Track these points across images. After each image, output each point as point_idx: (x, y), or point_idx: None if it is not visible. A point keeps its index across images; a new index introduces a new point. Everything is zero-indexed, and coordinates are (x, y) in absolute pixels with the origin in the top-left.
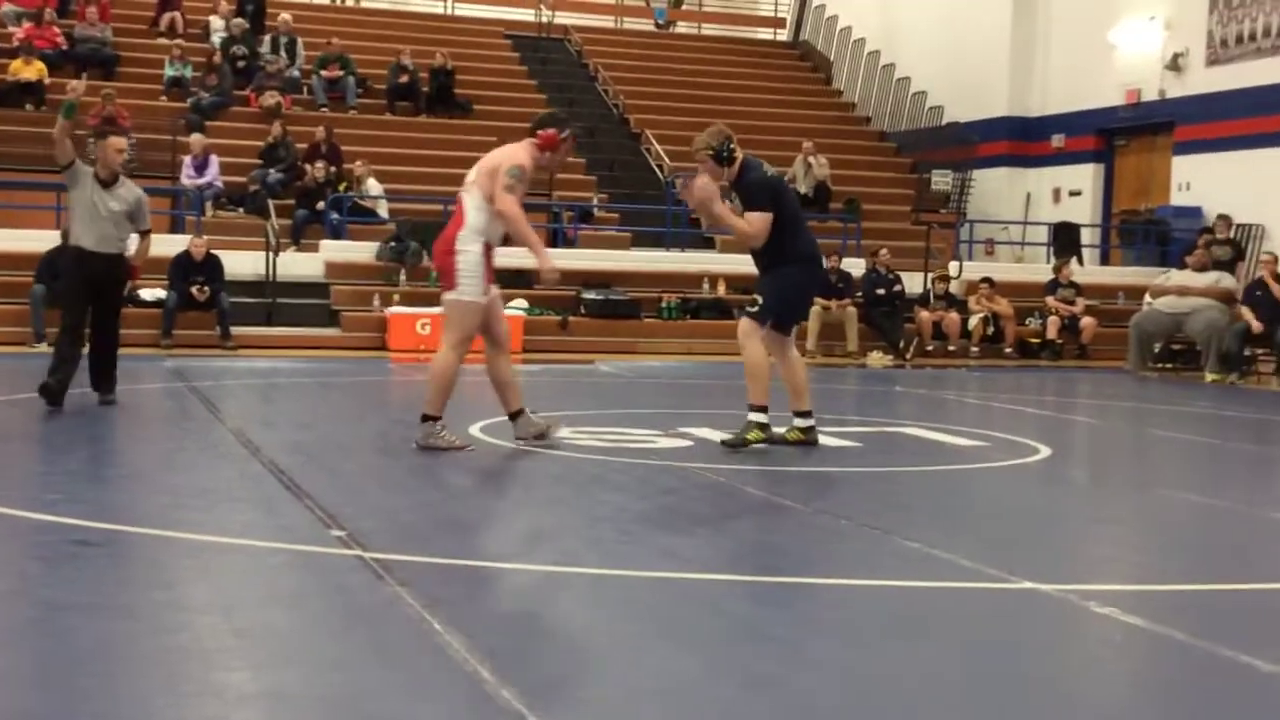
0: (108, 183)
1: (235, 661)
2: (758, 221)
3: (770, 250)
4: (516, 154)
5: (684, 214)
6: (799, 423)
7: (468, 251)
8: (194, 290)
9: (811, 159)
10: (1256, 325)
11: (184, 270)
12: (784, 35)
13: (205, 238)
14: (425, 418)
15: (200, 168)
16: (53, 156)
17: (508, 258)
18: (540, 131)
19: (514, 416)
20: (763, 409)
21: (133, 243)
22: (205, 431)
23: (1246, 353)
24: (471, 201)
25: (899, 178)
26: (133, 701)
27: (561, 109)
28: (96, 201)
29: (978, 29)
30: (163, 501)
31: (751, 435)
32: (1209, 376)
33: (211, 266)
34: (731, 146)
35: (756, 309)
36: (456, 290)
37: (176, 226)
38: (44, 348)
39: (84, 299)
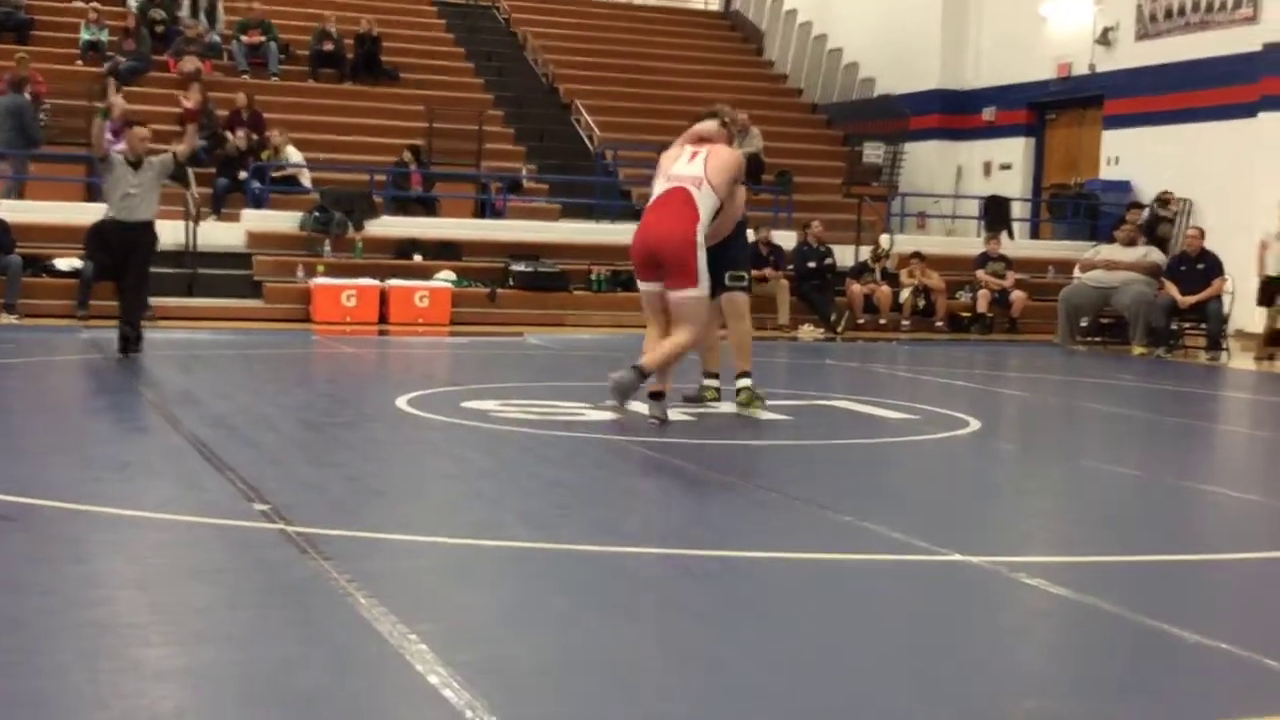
0: (135, 164)
1: (154, 637)
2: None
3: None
4: (736, 156)
5: (614, 186)
6: (742, 382)
7: (703, 247)
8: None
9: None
10: (1182, 300)
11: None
12: (715, 5)
13: None
14: (640, 371)
15: (118, 133)
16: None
17: (438, 229)
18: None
19: (636, 373)
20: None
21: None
22: (123, 404)
23: (1173, 326)
24: (705, 201)
25: (830, 150)
26: (49, 678)
27: (490, 78)
28: (128, 180)
29: (909, 1)
30: (79, 475)
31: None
32: (1137, 350)
33: None
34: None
35: (746, 284)
36: (699, 289)
37: (93, 195)
38: None
39: (114, 262)
